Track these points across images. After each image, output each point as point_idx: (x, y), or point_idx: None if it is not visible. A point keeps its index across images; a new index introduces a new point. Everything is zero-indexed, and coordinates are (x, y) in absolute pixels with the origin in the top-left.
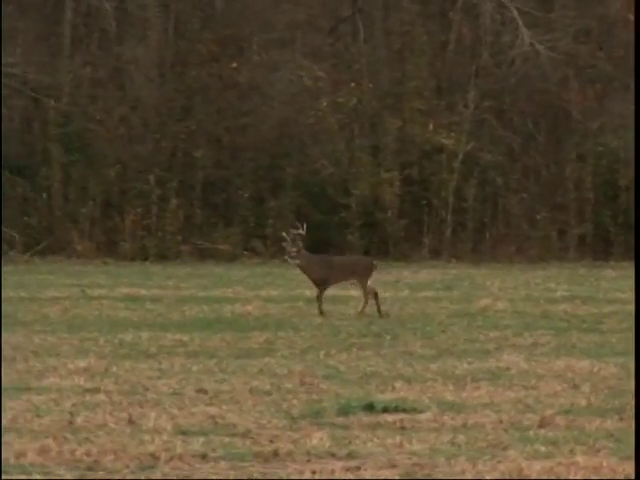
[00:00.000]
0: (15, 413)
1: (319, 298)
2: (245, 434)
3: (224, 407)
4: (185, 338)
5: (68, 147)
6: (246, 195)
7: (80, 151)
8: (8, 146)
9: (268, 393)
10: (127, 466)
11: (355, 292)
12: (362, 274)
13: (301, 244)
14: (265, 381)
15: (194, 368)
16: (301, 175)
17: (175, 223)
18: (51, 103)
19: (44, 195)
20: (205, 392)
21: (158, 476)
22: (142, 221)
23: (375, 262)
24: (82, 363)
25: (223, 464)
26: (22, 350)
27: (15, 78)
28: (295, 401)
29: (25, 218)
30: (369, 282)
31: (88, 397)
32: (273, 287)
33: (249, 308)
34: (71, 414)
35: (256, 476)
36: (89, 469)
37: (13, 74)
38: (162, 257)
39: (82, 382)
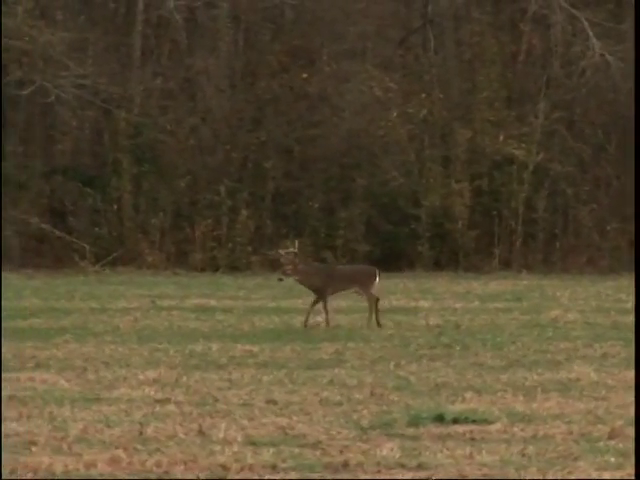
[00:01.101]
0: (86, 424)
1: (325, 308)
2: (315, 445)
3: (294, 418)
4: (255, 349)
5: (139, 158)
6: (316, 206)
7: (151, 162)
8: (79, 157)
9: (338, 404)
10: (197, 477)
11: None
12: (364, 282)
13: (297, 260)
14: (335, 392)
15: (264, 379)
16: (371, 186)
17: (245, 234)
18: (122, 114)
19: (115, 206)
20: (275, 403)
21: None
22: (212, 232)
23: (377, 270)
24: (152, 374)
25: (293, 475)
26: (93, 361)
27: (86, 89)
28: (365, 412)
29: (96, 229)
30: (373, 290)
31: (158, 408)
32: (343, 298)
33: (319, 319)
34: (141, 425)
35: None
36: None
37: (84, 85)
38: (232, 268)
39: (152, 393)
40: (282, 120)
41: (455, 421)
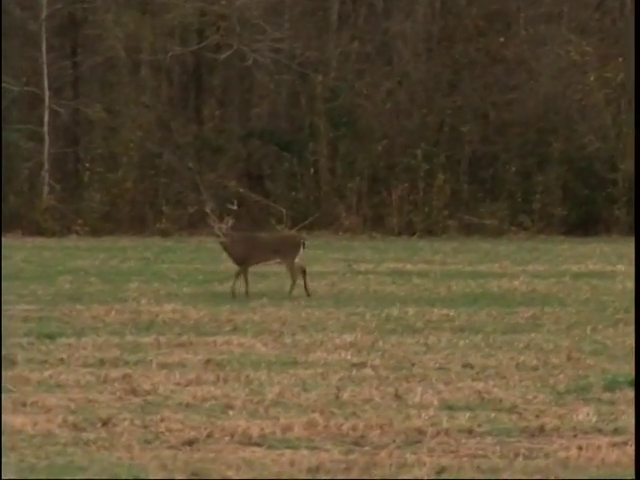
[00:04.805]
0: (282, 387)
1: (238, 276)
2: (511, 409)
3: (490, 382)
4: (451, 313)
5: (335, 122)
6: (513, 170)
7: (347, 126)
8: (276, 121)
9: (534, 368)
10: (393, 441)
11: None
12: (287, 253)
13: (230, 222)
14: (531, 356)
15: (460, 343)
16: (568, 150)
17: (442, 198)
18: (318, 78)
19: (311, 170)
20: (471, 367)
21: (424, 451)
22: (409, 196)
23: (303, 239)
24: (349, 338)
25: (489, 439)
26: (289, 325)
27: (283, 53)
28: (561, 376)
29: (292, 193)
30: (297, 260)
31: (355, 372)
32: (540, 262)
33: (515, 283)
34: (338, 389)
35: (522, 451)
36: (355, 444)
37: (281, 49)
38: (429, 232)
39: (349, 357)
40: (478, 84)
41: None
